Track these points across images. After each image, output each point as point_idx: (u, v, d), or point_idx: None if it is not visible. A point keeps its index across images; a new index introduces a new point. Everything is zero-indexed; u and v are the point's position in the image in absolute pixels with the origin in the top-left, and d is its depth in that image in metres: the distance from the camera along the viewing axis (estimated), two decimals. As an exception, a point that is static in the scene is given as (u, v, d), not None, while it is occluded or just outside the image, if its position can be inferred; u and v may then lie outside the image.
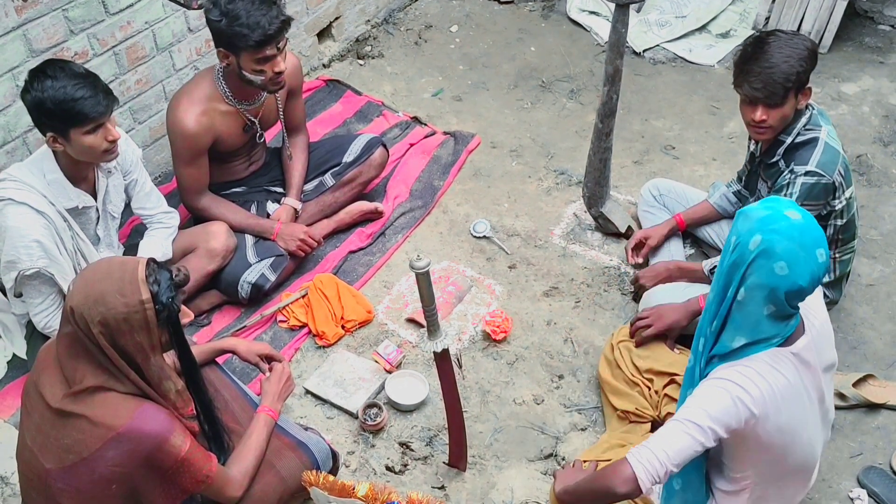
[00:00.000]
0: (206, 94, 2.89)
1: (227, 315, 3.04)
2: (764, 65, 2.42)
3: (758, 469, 1.96)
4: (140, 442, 1.81)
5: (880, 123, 3.89)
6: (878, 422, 2.70)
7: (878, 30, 4.50)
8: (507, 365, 2.89)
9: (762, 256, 1.73)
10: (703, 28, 4.49)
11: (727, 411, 1.79)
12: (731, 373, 1.82)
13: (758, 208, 1.80)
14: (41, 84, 2.30)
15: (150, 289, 1.78)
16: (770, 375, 1.81)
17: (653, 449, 1.83)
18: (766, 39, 2.45)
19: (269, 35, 2.68)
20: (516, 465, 2.61)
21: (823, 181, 2.50)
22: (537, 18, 4.68)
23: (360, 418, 2.67)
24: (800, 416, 1.88)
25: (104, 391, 1.81)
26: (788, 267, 1.71)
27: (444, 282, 3.12)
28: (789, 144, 2.58)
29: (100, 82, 2.37)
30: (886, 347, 2.92)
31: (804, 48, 2.43)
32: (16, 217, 2.39)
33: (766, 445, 1.87)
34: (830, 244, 2.68)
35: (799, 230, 1.73)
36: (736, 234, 1.80)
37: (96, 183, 2.61)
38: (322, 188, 3.33)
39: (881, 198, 3.49)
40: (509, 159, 3.74)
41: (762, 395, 1.79)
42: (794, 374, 1.84)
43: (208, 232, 2.93)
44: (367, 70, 4.28)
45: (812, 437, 1.96)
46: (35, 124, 2.42)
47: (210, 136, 2.90)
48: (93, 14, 2.96)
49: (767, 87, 2.43)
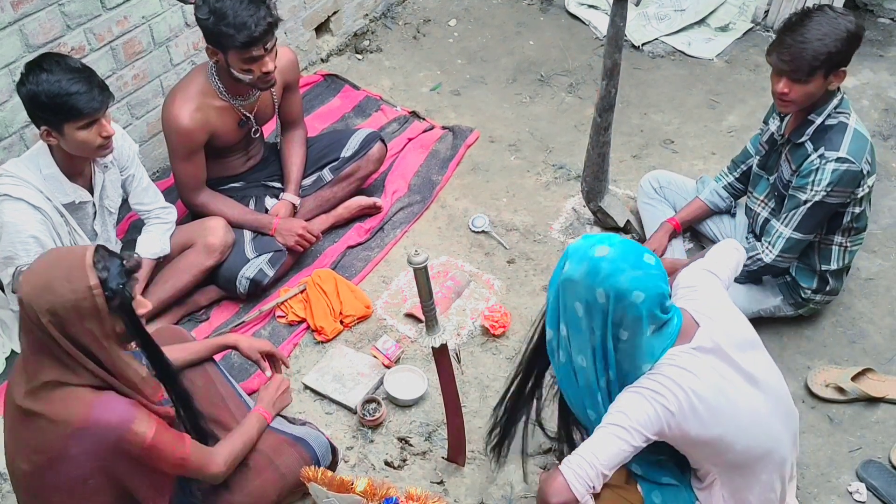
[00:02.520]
0: (200, 89, 2.88)
1: (225, 310, 3.03)
2: (798, 38, 2.39)
3: (712, 462, 1.96)
4: (101, 434, 1.77)
5: (880, 117, 3.88)
6: (876, 416, 2.70)
7: (877, 23, 4.49)
8: (505, 360, 2.88)
9: (616, 300, 1.78)
10: (701, 21, 4.48)
11: (648, 414, 1.81)
12: (644, 381, 1.85)
13: (571, 271, 1.83)
14: (36, 77, 2.29)
15: (99, 275, 1.72)
16: (677, 375, 1.82)
17: (583, 455, 1.83)
18: (811, 14, 2.41)
19: (255, 37, 2.66)
20: (515, 459, 2.60)
21: (854, 168, 2.46)
22: (536, 12, 4.67)
23: (359, 413, 2.67)
24: (724, 405, 1.86)
25: (61, 386, 1.77)
26: (642, 290, 1.77)
27: (442, 277, 3.12)
28: (819, 125, 2.53)
29: (95, 77, 2.36)
30: (885, 341, 2.92)
31: (845, 29, 2.37)
32: (12, 213, 2.38)
33: (699, 441, 1.88)
34: (843, 232, 2.67)
35: (620, 258, 1.79)
36: (577, 303, 1.84)
37: (92, 178, 2.60)
38: (320, 183, 3.32)
39: (881, 191, 3.49)
40: (508, 154, 3.74)
41: (675, 395, 1.81)
42: (701, 366, 1.85)
43: (206, 227, 2.92)
44: (366, 64, 4.27)
45: (756, 419, 1.92)
46: (29, 117, 2.41)
47: (205, 132, 2.89)
48: (89, 9, 2.95)
49: (794, 62, 2.40)
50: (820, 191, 2.49)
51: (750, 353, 1.98)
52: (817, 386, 2.73)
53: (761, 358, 2.01)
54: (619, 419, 1.83)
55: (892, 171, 3.59)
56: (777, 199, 2.74)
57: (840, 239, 2.68)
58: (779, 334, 2.91)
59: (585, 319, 1.84)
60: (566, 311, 1.88)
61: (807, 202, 2.53)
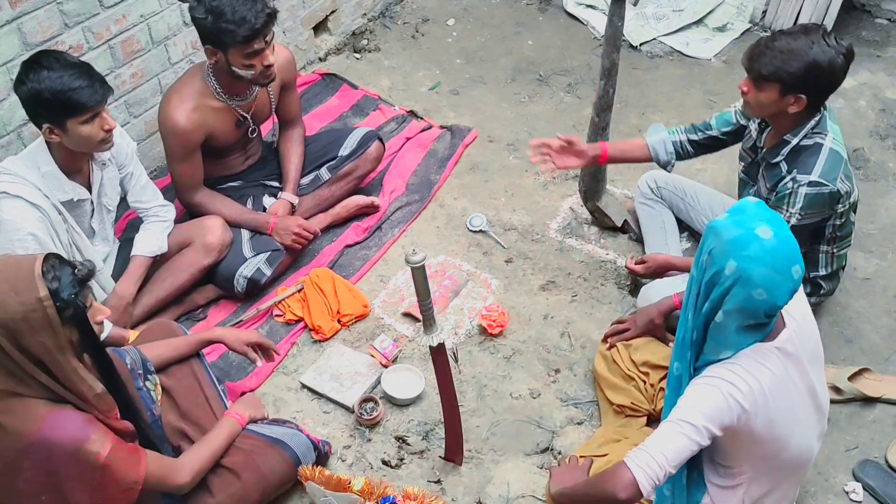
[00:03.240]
0: (197, 90, 2.87)
1: (223, 309, 3.03)
2: (768, 42, 2.38)
3: (753, 464, 1.96)
4: (52, 451, 1.72)
5: (877, 117, 3.89)
6: (873, 415, 2.70)
7: (875, 23, 4.49)
8: (503, 359, 2.88)
9: (739, 284, 1.74)
10: (700, 21, 4.49)
11: (720, 408, 1.80)
12: (719, 370, 1.84)
13: (728, 226, 1.78)
14: (37, 75, 2.29)
15: (49, 286, 1.67)
16: (756, 370, 1.82)
17: (651, 452, 1.82)
18: (801, 30, 2.38)
19: (256, 29, 2.66)
20: (513, 459, 2.61)
21: (826, 190, 2.44)
22: (534, 12, 4.67)
23: (357, 412, 2.67)
24: (790, 409, 1.88)
25: (17, 396, 1.72)
26: (767, 292, 1.73)
27: (440, 276, 3.12)
28: (794, 146, 2.50)
29: (94, 72, 2.37)
30: (882, 341, 2.92)
31: (811, 57, 2.30)
32: (10, 210, 2.38)
33: (759, 440, 1.87)
34: (828, 241, 2.67)
35: (772, 253, 1.73)
36: (709, 254, 1.80)
37: (91, 175, 2.61)
38: (318, 182, 3.32)
39: (878, 192, 3.49)
40: (506, 153, 3.74)
41: (751, 389, 1.80)
42: (780, 367, 1.85)
43: (204, 226, 2.92)
44: (364, 64, 4.27)
45: (806, 431, 1.96)
46: (30, 116, 2.41)
47: (202, 132, 2.89)
48: (87, 7, 2.95)
49: (751, 61, 2.41)
50: (795, 213, 2.47)
51: (816, 366, 1.98)
52: (814, 385, 2.73)
53: (822, 374, 2.02)
54: (691, 416, 1.81)
55: (890, 171, 3.60)
56: None
57: (826, 247, 2.68)
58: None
59: (702, 273, 1.83)
60: (700, 250, 1.85)
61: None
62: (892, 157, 3.67)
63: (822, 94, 2.42)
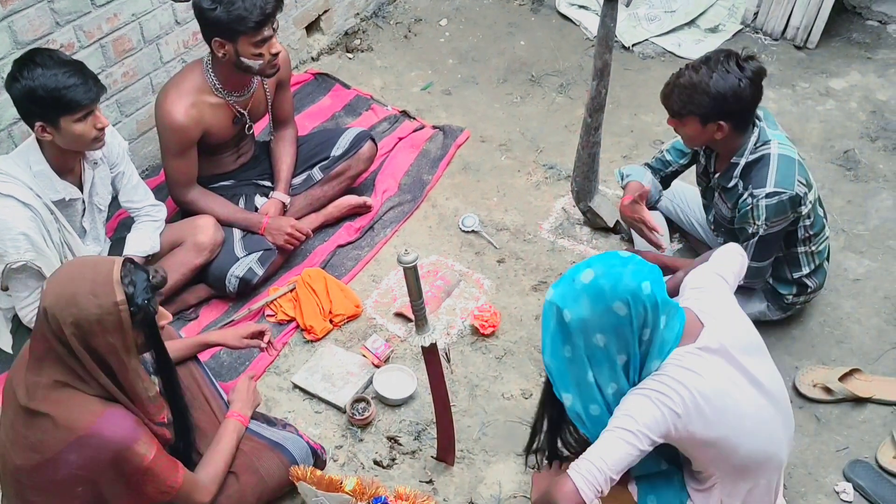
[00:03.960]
0: (195, 86, 2.87)
1: (214, 309, 3.03)
2: (674, 80, 2.46)
3: (715, 465, 1.96)
4: (102, 447, 1.78)
5: (868, 119, 3.91)
6: (863, 416, 2.71)
7: (865, 25, 4.51)
8: (495, 359, 2.89)
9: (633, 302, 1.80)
10: (691, 23, 4.50)
11: (654, 417, 1.82)
12: (648, 382, 1.86)
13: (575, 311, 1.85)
14: (31, 72, 2.29)
15: (125, 290, 1.73)
16: (681, 376, 1.83)
17: (591, 460, 1.83)
18: (700, 63, 2.42)
19: (268, 13, 2.69)
20: (504, 459, 2.61)
21: (786, 196, 2.47)
22: (527, 13, 4.67)
23: (348, 413, 2.66)
24: (732, 405, 1.87)
25: (70, 388, 1.77)
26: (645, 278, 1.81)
27: (432, 276, 3.12)
28: (744, 166, 2.54)
29: (87, 70, 2.37)
30: (872, 342, 2.93)
31: (714, 89, 2.36)
32: (2, 210, 2.37)
33: (705, 442, 1.88)
34: (804, 242, 2.68)
35: (607, 265, 1.84)
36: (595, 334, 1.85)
37: (82, 175, 2.60)
38: (310, 182, 3.32)
39: (868, 193, 3.51)
40: (498, 154, 3.74)
41: (680, 396, 1.81)
42: (707, 366, 1.85)
43: (196, 226, 2.92)
44: (356, 64, 4.27)
45: (760, 424, 1.93)
46: (22, 115, 2.40)
47: (199, 128, 2.89)
48: (79, 6, 2.94)
49: (664, 100, 2.50)
50: (761, 225, 2.50)
51: (756, 357, 1.98)
52: (805, 386, 2.74)
53: (766, 363, 2.02)
54: (627, 423, 1.83)
55: (880, 172, 3.61)
56: (724, 231, 2.75)
57: (803, 248, 2.69)
58: (766, 334, 2.87)
59: (613, 343, 1.85)
60: (588, 350, 1.88)
61: (754, 235, 2.55)
62: (883, 159, 3.68)
63: (741, 116, 2.46)
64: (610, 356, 1.87)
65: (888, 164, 3.66)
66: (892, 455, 2.57)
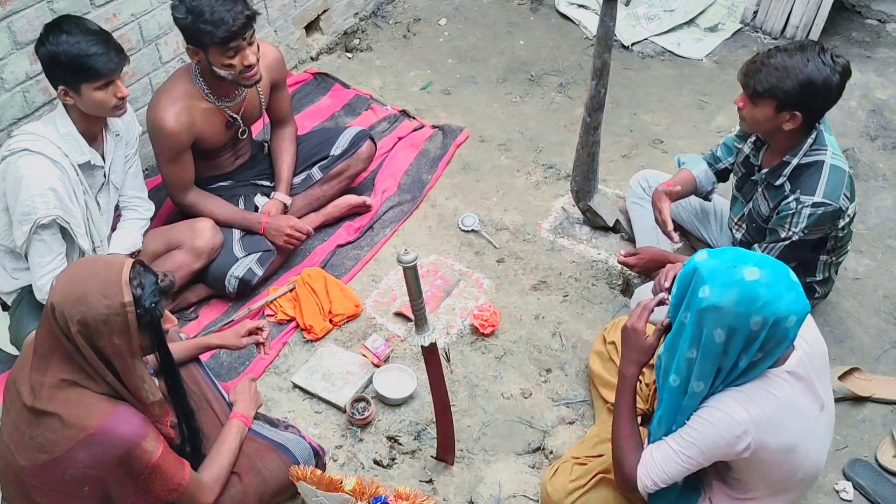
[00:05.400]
0: (185, 91, 2.86)
1: (214, 309, 3.02)
2: (765, 58, 2.38)
3: (769, 483, 1.96)
4: (111, 445, 1.78)
5: (867, 118, 3.91)
6: (863, 415, 2.71)
7: (865, 24, 4.51)
8: (495, 359, 2.89)
9: (772, 327, 1.72)
10: (691, 22, 4.50)
11: (718, 446, 1.84)
12: (725, 401, 1.83)
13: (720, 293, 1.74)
14: (56, 38, 2.37)
15: (134, 292, 1.74)
16: (762, 398, 1.81)
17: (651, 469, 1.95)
18: (797, 47, 2.37)
19: (234, 31, 2.66)
20: (504, 458, 2.61)
21: (830, 209, 2.44)
22: (526, 12, 4.67)
23: (348, 412, 2.66)
24: (801, 432, 1.87)
25: (78, 387, 1.78)
26: (796, 313, 1.73)
27: (432, 276, 3.12)
28: (795, 166, 2.50)
29: (112, 40, 2.44)
30: (872, 341, 2.93)
31: (806, 76, 2.30)
32: (32, 166, 2.42)
33: (771, 465, 1.88)
34: (829, 251, 2.67)
35: (776, 279, 1.73)
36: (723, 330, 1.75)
37: (104, 145, 2.65)
38: (310, 182, 3.32)
39: (868, 192, 3.51)
40: (498, 153, 3.74)
41: (753, 420, 1.80)
42: (789, 392, 1.84)
43: (194, 229, 2.90)
44: (356, 63, 4.27)
45: (819, 447, 1.96)
46: (47, 76, 2.47)
47: (191, 133, 2.88)
48: (78, 6, 2.94)
49: (746, 77, 2.42)
50: (798, 231, 2.48)
51: (825, 381, 1.98)
52: (805, 385, 2.74)
53: (829, 384, 2.01)
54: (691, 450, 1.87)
55: (880, 171, 3.61)
56: (752, 227, 2.72)
57: (825, 257, 2.69)
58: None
59: (723, 345, 1.77)
60: (701, 337, 1.79)
61: (786, 239, 2.52)
62: (882, 158, 3.69)
63: (818, 111, 2.42)
64: (717, 355, 1.80)
65: (888, 162, 3.66)
66: (892, 454, 2.57)
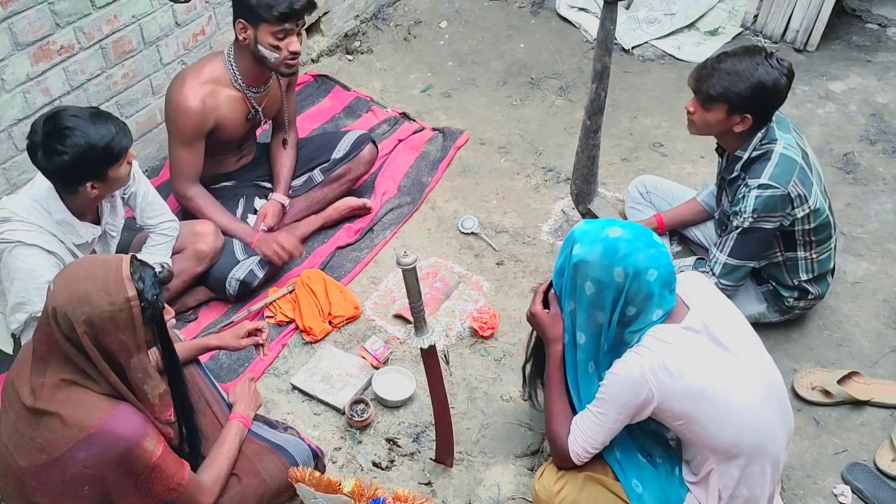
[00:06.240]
0: (215, 75, 2.87)
1: (213, 311, 3.02)
2: (714, 64, 2.48)
3: (708, 447, 1.98)
4: (112, 444, 1.79)
5: (867, 122, 3.91)
6: (862, 419, 2.72)
7: (865, 28, 4.52)
8: (494, 361, 2.89)
9: (633, 278, 1.90)
10: (691, 25, 4.50)
11: (624, 396, 1.95)
12: (625, 356, 1.96)
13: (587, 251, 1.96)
14: (72, 139, 2.22)
15: (136, 286, 1.76)
16: (656, 349, 1.92)
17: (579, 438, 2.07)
18: (745, 51, 2.48)
19: (295, 10, 2.69)
20: (503, 461, 2.61)
21: (777, 193, 2.50)
22: (527, 15, 4.68)
23: (347, 414, 2.66)
24: (708, 376, 1.92)
25: (78, 387, 1.78)
26: (656, 268, 1.91)
27: (431, 278, 3.12)
28: (746, 160, 2.58)
29: (107, 112, 2.36)
30: (871, 345, 2.93)
31: (757, 79, 2.41)
32: (27, 259, 2.35)
33: (688, 416, 1.93)
34: (804, 246, 2.69)
35: (636, 236, 1.94)
36: (591, 282, 1.96)
37: (99, 209, 2.58)
38: (310, 184, 3.32)
39: (867, 196, 3.51)
40: (498, 156, 3.74)
41: (651, 367, 1.91)
42: (686, 342, 1.93)
43: (196, 233, 2.89)
44: (356, 65, 4.27)
45: (747, 407, 1.94)
46: (68, 181, 2.32)
47: (213, 117, 2.88)
48: (79, 7, 2.94)
49: (697, 82, 2.51)
50: (747, 217, 2.54)
51: (745, 344, 2.02)
52: (803, 389, 2.74)
53: (757, 351, 2.05)
54: (604, 407, 2.00)
55: (879, 175, 3.62)
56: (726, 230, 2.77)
57: (804, 253, 2.71)
58: (765, 336, 2.88)
59: (596, 297, 1.97)
60: (575, 290, 2.02)
61: (737, 227, 2.59)
62: (882, 162, 3.69)
63: (767, 112, 2.53)
64: (590, 306, 2.00)
65: (888, 167, 3.66)
66: (891, 458, 2.57)
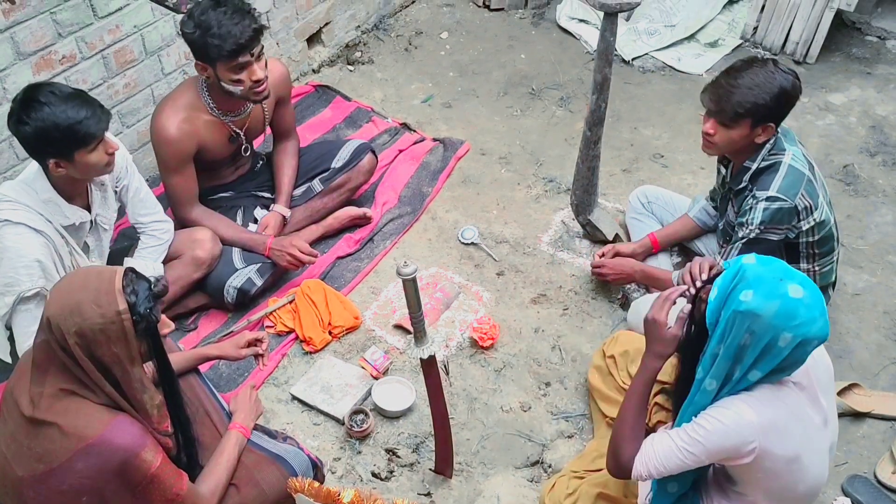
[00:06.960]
0: (190, 102, 2.86)
1: (213, 320, 3.02)
2: (731, 81, 2.45)
3: (768, 494, 1.95)
4: (110, 455, 1.78)
5: (867, 134, 3.92)
6: (862, 431, 2.71)
7: (865, 41, 4.53)
8: (494, 372, 2.88)
9: (797, 347, 1.74)
10: (691, 37, 4.52)
11: (724, 447, 1.82)
12: (735, 403, 1.83)
13: (762, 301, 1.73)
14: (38, 113, 2.23)
15: (128, 299, 1.75)
16: (772, 403, 1.82)
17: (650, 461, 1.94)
18: (752, 63, 2.47)
19: (242, 45, 2.66)
20: (503, 472, 2.60)
21: (786, 206, 2.51)
22: (527, 26, 4.69)
23: (347, 424, 2.66)
24: (804, 443, 1.87)
25: (77, 397, 1.78)
26: (820, 339, 1.76)
27: (431, 288, 3.12)
28: (754, 170, 2.58)
29: (91, 98, 2.33)
30: (872, 357, 2.93)
31: (778, 86, 2.42)
32: (14, 237, 2.34)
33: (773, 473, 1.87)
34: (808, 259, 2.70)
35: (815, 302, 1.73)
36: (750, 334, 1.75)
37: (90, 196, 2.56)
38: (310, 194, 3.32)
39: (867, 208, 3.51)
40: (498, 166, 3.75)
41: (760, 424, 1.79)
42: (796, 401, 1.85)
43: (194, 240, 2.90)
44: (357, 76, 4.28)
45: (822, 461, 1.94)
46: (33, 154, 2.34)
47: (193, 142, 2.87)
48: (81, 17, 2.95)
49: (720, 103, 2.47)
50: (754, 229, 2.55)
51: (830, 394, 1.98)
52: (804, 400, 2.73)
53: (833, 400, 2.01)
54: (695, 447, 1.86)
55: (879, 187, 3.62)
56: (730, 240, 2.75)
57: (806, 266, 2.71)
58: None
59: (749, 354, 1.78)
60: (728, 338, 1.80)
61: (742, 238, 2.59)
62: (882, 174, 3.69)
63: (783, 117, 2.52)
64: (735, 358, 1.81)
65: (887, 178, 3.66)
66: (891, 470, 2.56)
